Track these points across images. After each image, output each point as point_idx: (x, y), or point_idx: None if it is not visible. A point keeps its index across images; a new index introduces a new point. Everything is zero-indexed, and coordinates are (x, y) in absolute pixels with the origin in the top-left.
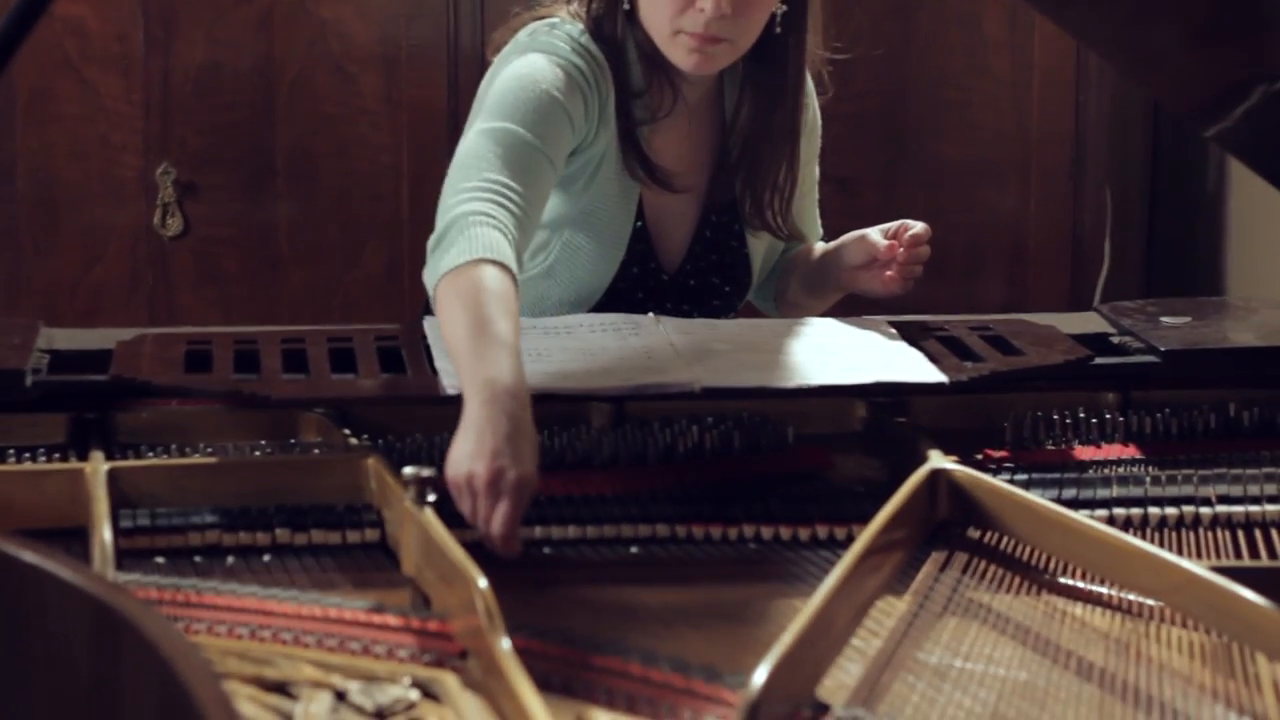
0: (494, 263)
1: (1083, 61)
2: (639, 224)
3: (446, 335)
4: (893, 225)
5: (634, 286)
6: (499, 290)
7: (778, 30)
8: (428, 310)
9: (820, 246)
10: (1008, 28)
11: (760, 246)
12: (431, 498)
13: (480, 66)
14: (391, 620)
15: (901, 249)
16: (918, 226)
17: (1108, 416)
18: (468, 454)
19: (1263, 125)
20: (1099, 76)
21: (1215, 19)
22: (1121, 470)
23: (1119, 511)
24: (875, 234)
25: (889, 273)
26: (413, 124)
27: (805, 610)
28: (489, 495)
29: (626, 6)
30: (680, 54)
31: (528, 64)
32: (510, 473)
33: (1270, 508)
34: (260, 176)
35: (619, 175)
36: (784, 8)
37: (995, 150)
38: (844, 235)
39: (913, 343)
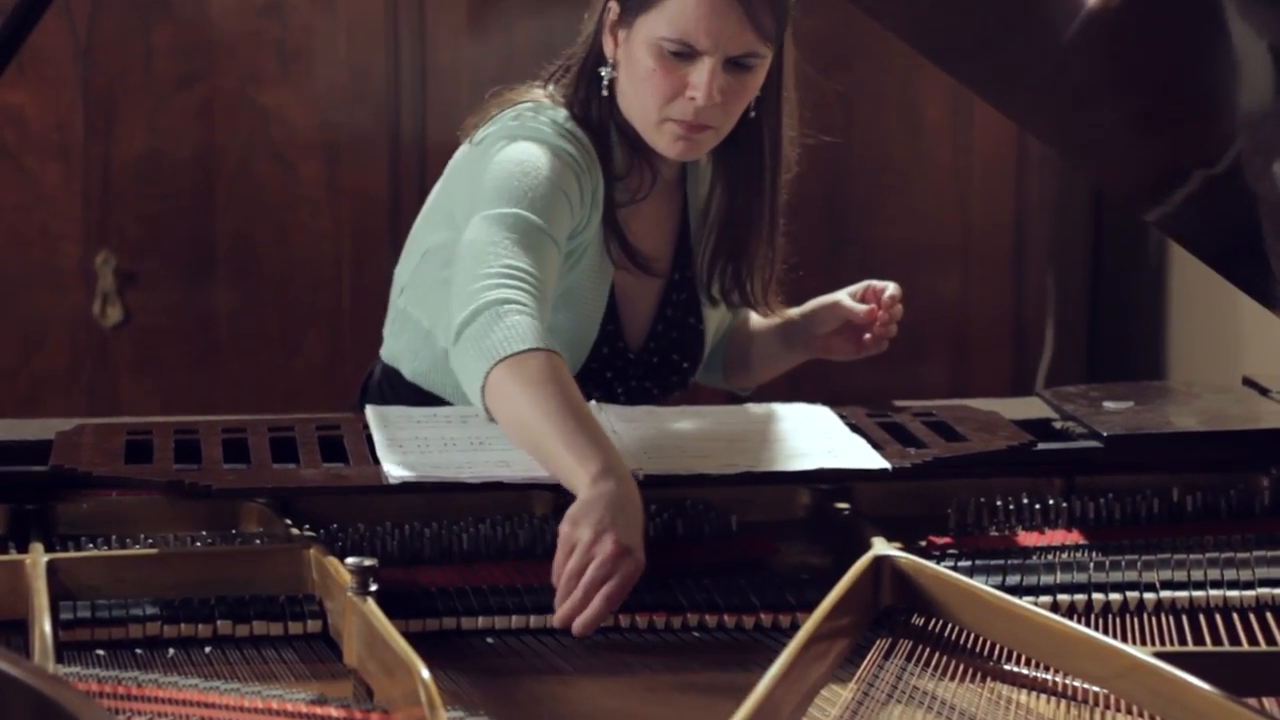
0: (553, 352)
1: (1024, 146)
2: (610, 303)
3: (523, 420)
4: (858, 288)
5: (604, 366)
6: (570, 380)
7: (752, 114)
8: (368, 399)
9: (774, 314)
10: (948, 112)
11: (714, 321)
12: (374, 588)
13: (421, 154)
14: (334, 712)
15: (881, 311)
16: (891, 287)
17: (1051, 502)
18: (599, 520)
19: (1203, 210)
20: (1040, 161)
21: (1155, 105)
22: (1065, 556)
23: (1063, 597)
24: (848, 299)
25: (867, 336)
26: (353, 212)
27: (750, 698)
28: (605, 566)
29: (606, 93)
30: (666, 141)
31: (522, 151)
32: (631, 559)
33: (1214, 592)
34: (201, 265)
35: (600, 257)
36: (759, 93)
37: (937, 234)
38: (810, 302)
39: (855, 429)
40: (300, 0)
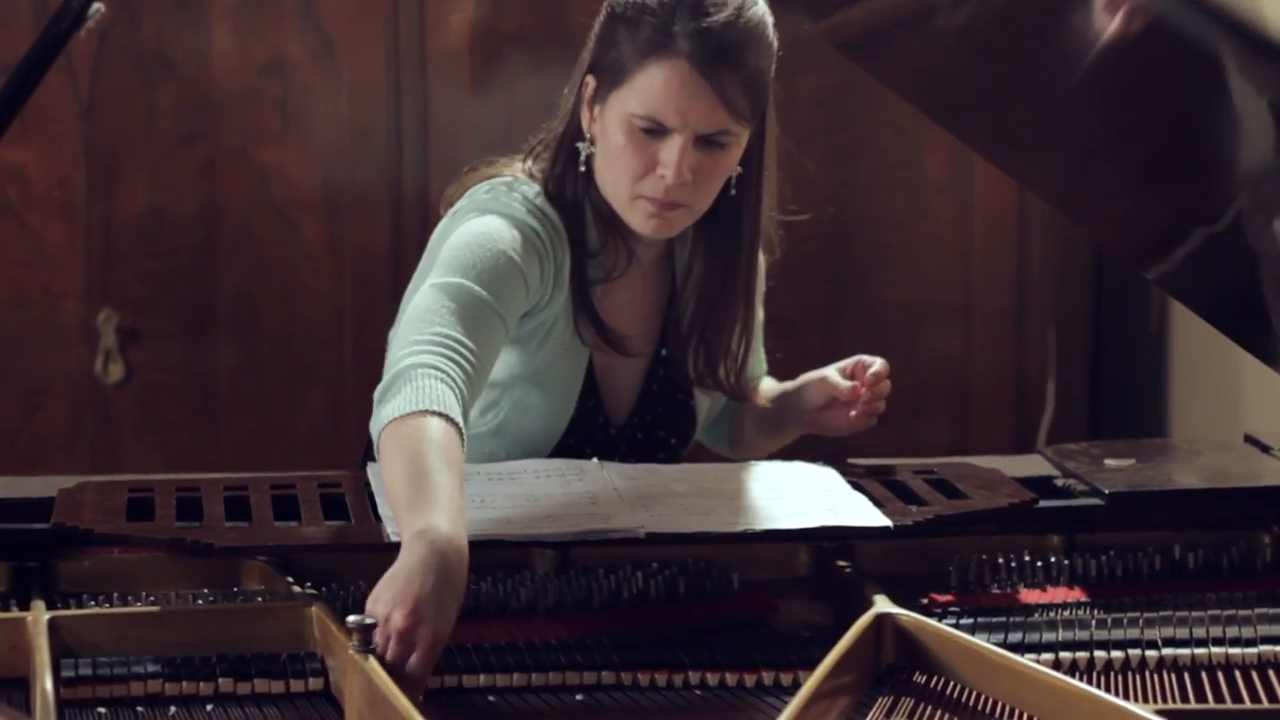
0: (440, 415)
1: (1025, 204)
2: (588, 379)
3: (387, 483)
4: (848, 363)
5: (583, 441)
6: (442, 442)
7: (732, 193)
8: (370, 457)
9: (770, 386)
10: (949, 170)
11: (706, 397)
12: (375, 645)
13: (423, 212)
14: None
15: (864, 388)
16: (877, 364)
17: (1053, 560)
18: (390, 597)
19: (1204, 268)
20: (1042, 218)
21: (1156, 164)
22: (1067, 613)
23: (1065, 655)
24: (834, 375)
25: (853, 412)
26: (355, 270)
27: None
28: (400, 642)
29: (583, 169)
30: (639, 218)
31: (484, 224)
32: (425, 628)
33: (1216, 650)
34: (203, 322)
35: (571, 335)
36: (739, 170)
37: (938, 292)
38: (801, 377)
39: (857, 487)
40: (302, 59)
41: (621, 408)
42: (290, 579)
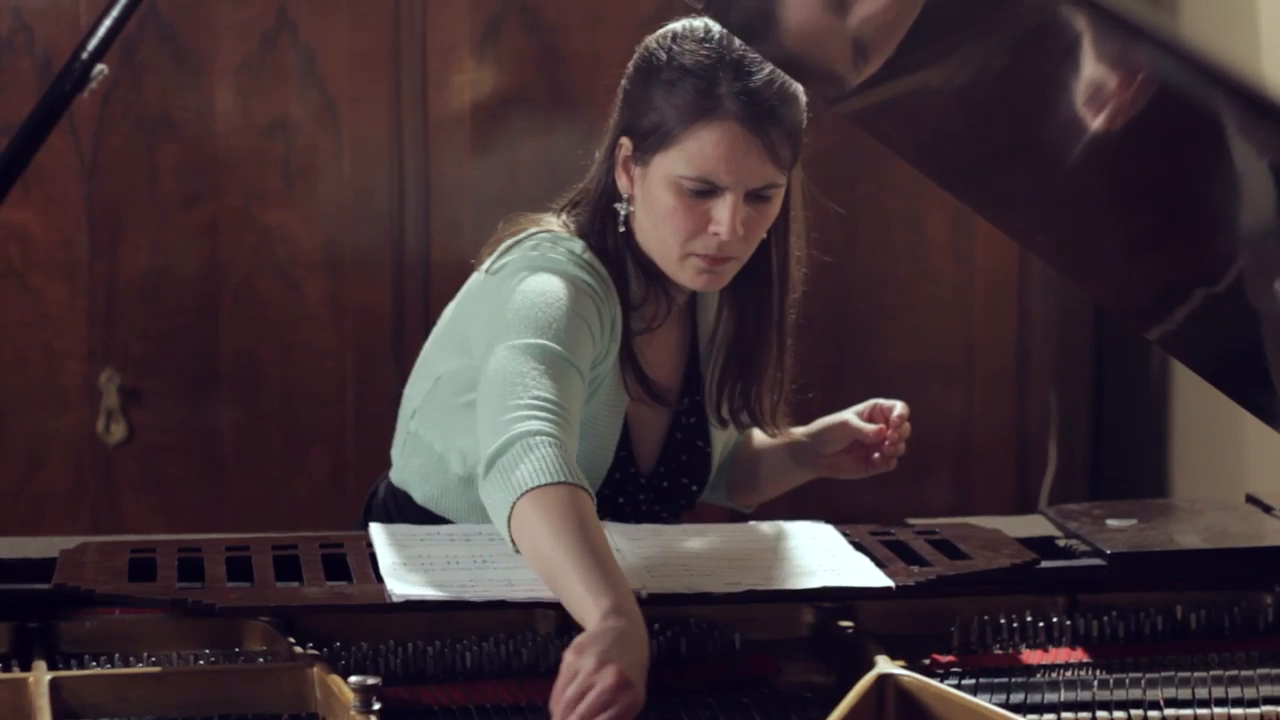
0: (580, 486)
1: (1026, 263)
2: (624, 429)
3: (543, 552)
4: (864, 407)
5: (615, 490)
6: (594, 515)
7: (764, 236)
8: (370, 516)
9: (783, 433)
10: (950, 230)
11: (720, 444)
12: (377, 706)
13: (425, 272)
14: None
15: (890, 430)
16: (899, 407)
17: (1055, 620)
18: (600, 651)
19: (1205, 328)
20: (1043, 278)
21: (1156, 224)
22: (1069, 674)
23: (1067, 716)
24: (855, 419)
25: (876, 455)
26: (357, 330)
27: None
28: (605, 695)
29: (622, 228)
30: (689, 274)
31: (545, 282)
32: (631, 693)
33: (1218, 710)
34: (205, 382)
35: (616, 388)
36: None
37: (939, 352)
38: (817, 421)
39: (859, 547)
40: (304, 119)
41: (648, 457)
42: (292, 639)
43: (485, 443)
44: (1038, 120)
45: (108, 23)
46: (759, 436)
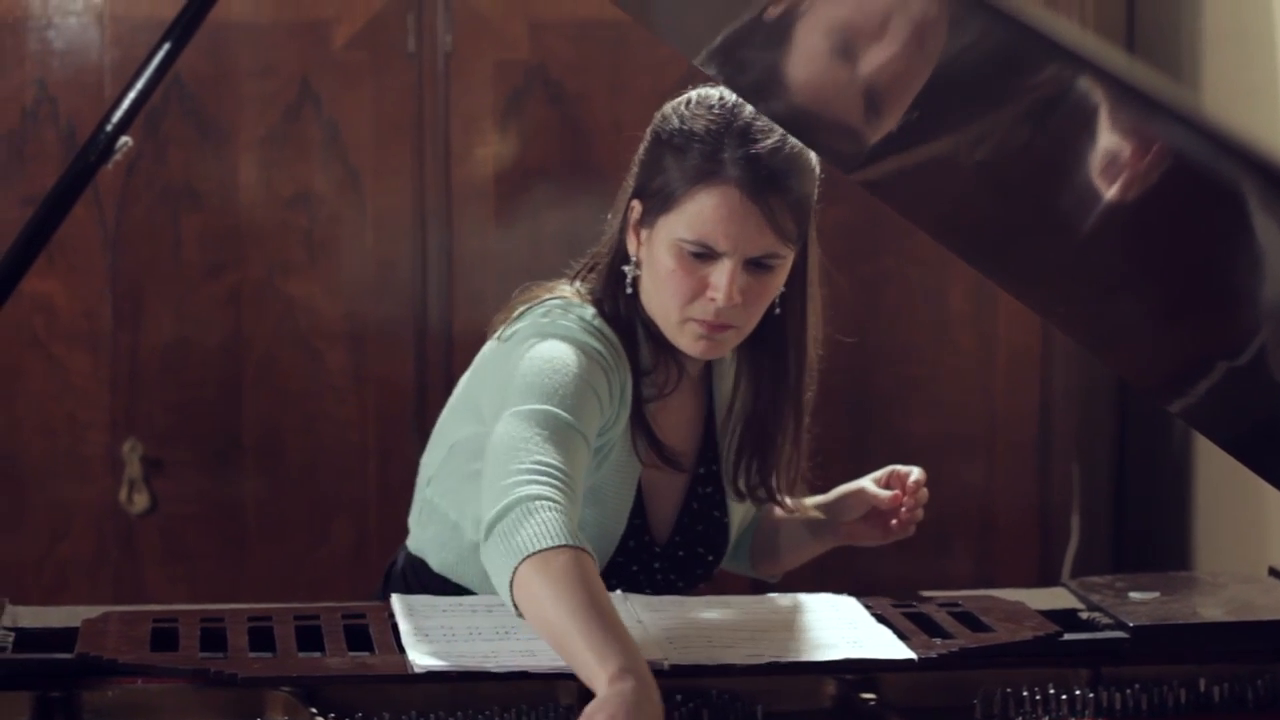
0: (581, 549)
1: (1048, 336)
2: (637, 497)
3: (548, 618)
4: (882, 474)
5: (629, 559)
6: (597, 578)
7: (776, 312)
8: (391, 586)
9: (798, 509)
10: (972, 303)
11: (739, 514)
12: None
13: (448, 344)
14: None
15: (906, 496)
16: (915, 472)
17: (1077, 693)
18: (614, 716)
19: (1226, 401)
20: (1065, 351)
21: (1178, 297)
22: None
23: None
24: (873, 486)
25: (893, 522)
26: (379, 401)
27: None
28: None
29: (630, 291)
30: (688, 340)
31: (553, 349)
32: None
33: None
34: (227, 453)
35: (627, 454)
36: (783, 290)
37: (961, 424)
38: (835, 490)
39: (881, 619)
40: (328, 191)
41: (664, 526)
42: (314, 710)
43: (487, 507)
44: (1058, 194)
45: (132, 95)
46: (768, 508)
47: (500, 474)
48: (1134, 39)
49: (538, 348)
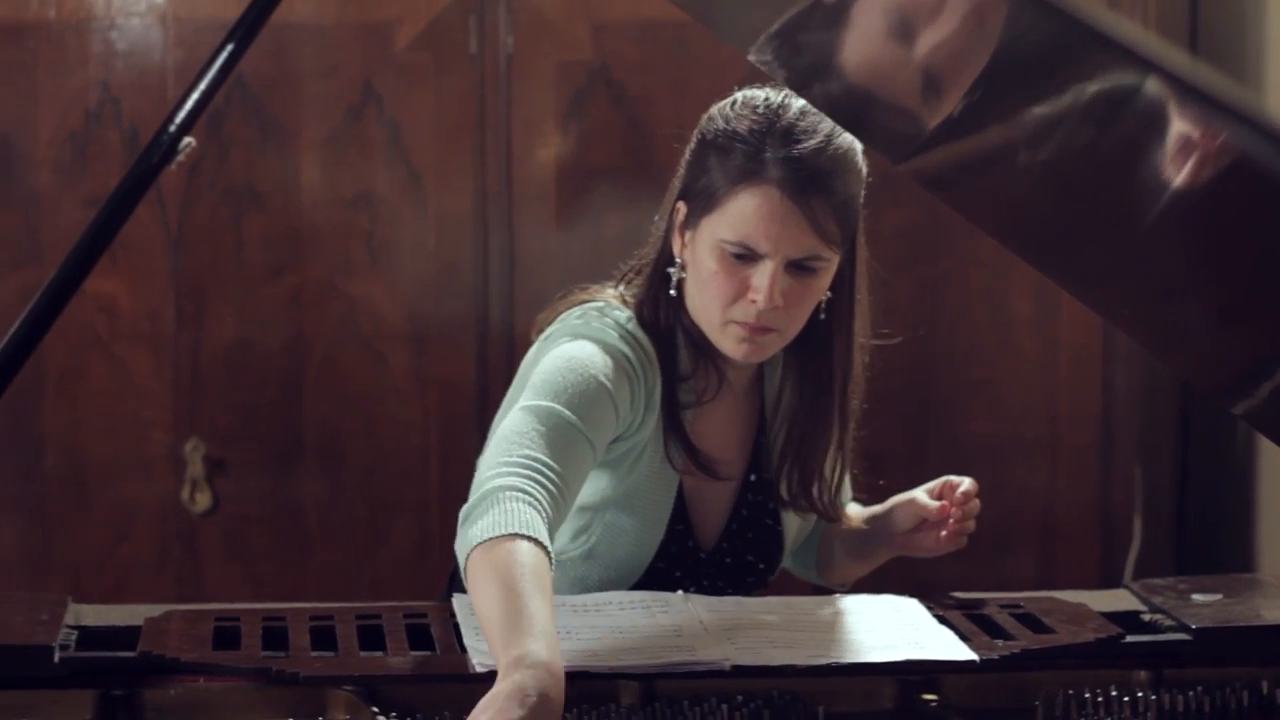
0: (529, 538)
1: (1110, 338)
2: (678, 504)
3: (479, 607)
4: (936, 484)
5: (672, 565)
6: (534, 566)
7: (822, 317)
8: (455, 588)
9: (858, 511)
10: (1034, 305)
11: (794, 523)
12: None
13: (509, 345)
14: None
15: (954, 507)
16: (965, 483)
17: (1139, 695)
18: (499, 711)
19: None
20: (1127, 353)
21: (1242, 298)
22: None
23: None
24: (923, 496)
25: (943, 533)
26: (441, 402)
27: None
28: None
29: (674, 293)
30: (730, 343)
31: (575, 349)
32: None
33: None
34: (289, 453)
35: (662, 460)
36: (829, 295)
37: (1023, 427)
38: (890, 500)
39: (943, 621)
40: (389, 192)
41: (710, 532)
42: (376, 709)
43: (470, 497)
44: (1121, 194)
45: (195, 96)
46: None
47: (487, 465)
48: (1196, 40)
49: (563, 347)
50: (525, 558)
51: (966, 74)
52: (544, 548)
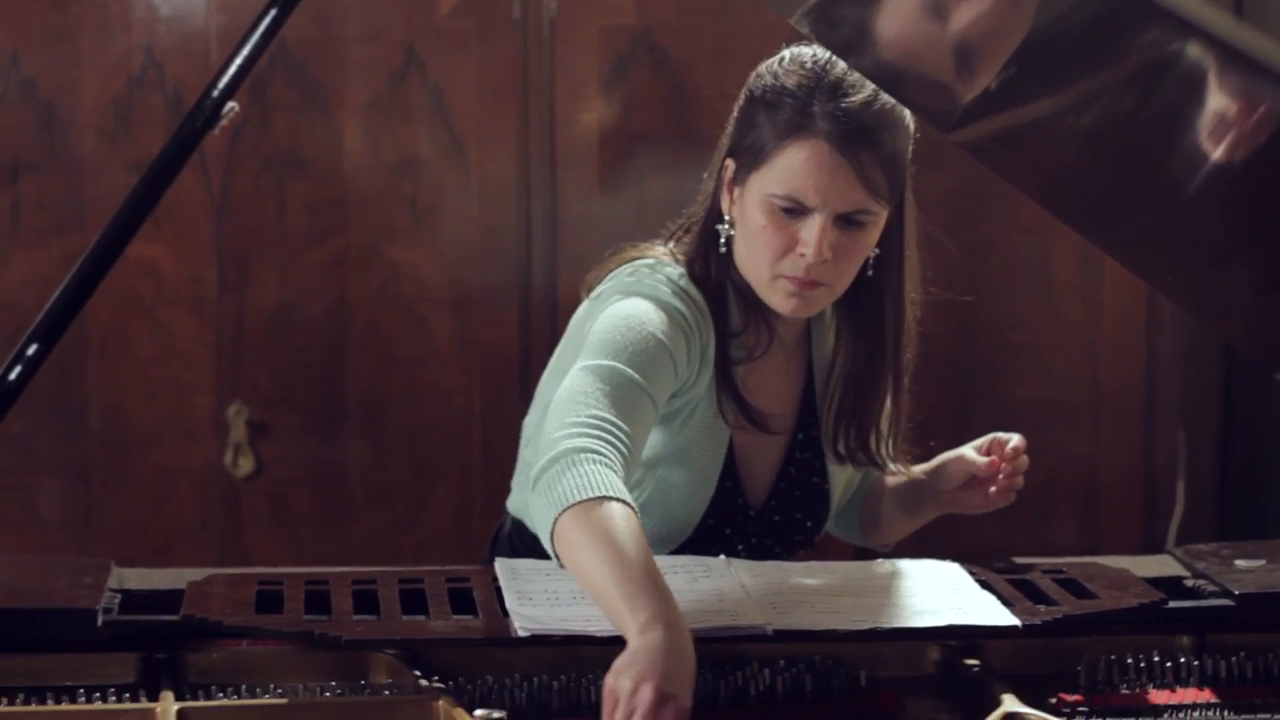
0: (619, 500)
1: (1154, 303)
2: (728, 460)
3: (583, 571)
4: (984, 441)
5: (722, 522)
6: (634, 529)
7: (870, 273)
8: (497, 551)
9: (900, 471)
10: (1078, 270)
11: (840, 480)
12: None
13: (552, 310)
14: None
15: (1003, 463)
16: (1014, 439)
17: (1182, 660)
18: (636, 673)
19: None
20: (1170, 317)
21: None
22: (1197, 715)
23: None
24: (972, 453)
25: (992, 489)
26: (484, 366)
27: None
28: (646, 717)
29: (723, 250)
30: (779, 298)
31: (631, 306)
32: (674, 705)
33: None
34: (332, 417)
35: (715, 415)
36: (877, 251)
37: (1067, 392)
38: (938, 457)
39: (985, 586)
40: (432, 157)
41: (759, 489)
42: (418, 672)
43: (539, 458)
44: (1166, 159)
45: (238, 61)
46: (880, 476)
47: (555, 426)
48: (1242, 1)
49: (618, 305)
50: (622, 521)
51: (1002, 49)
52: (635, 510)
